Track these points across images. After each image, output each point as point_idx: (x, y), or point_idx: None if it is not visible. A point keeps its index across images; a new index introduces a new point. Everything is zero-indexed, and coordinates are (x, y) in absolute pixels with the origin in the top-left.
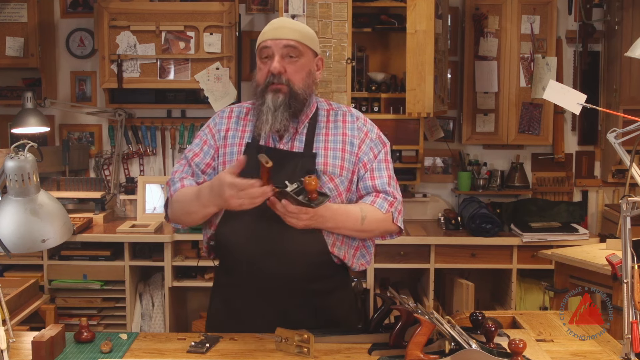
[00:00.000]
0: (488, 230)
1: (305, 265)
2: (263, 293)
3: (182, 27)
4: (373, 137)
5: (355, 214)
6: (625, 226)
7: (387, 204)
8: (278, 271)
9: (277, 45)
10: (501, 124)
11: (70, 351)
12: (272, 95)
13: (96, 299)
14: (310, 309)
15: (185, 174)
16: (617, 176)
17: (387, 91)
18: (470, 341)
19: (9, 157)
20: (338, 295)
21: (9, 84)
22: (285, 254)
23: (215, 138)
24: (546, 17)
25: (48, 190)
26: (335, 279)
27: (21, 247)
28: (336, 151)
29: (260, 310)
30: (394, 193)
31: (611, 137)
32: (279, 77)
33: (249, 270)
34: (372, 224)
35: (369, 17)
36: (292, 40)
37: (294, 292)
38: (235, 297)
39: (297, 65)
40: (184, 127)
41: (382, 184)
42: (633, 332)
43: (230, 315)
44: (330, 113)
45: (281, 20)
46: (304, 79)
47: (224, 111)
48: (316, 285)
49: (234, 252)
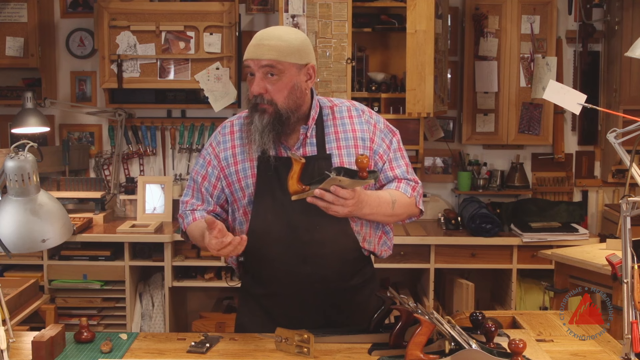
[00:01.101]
0: (488, 230)
1: (340, 264)
2: (301, 299)
3: (182, 27)
4: (382, 127)
5: (386, 198)
6: (625, 226)
7: (410, 189)
8: (315, 276)
9: (256, 65)
10: (501, 124)
11: (70, 351)
12: (259, 115)
13: (96, 299)
14: (348, 306)
15: (196, 203)
16: (617, 176)
17: (387, 91)
18: (470, 341)
19: (9, 157)
20: (370, 286)
21: (9, 84)
22: (320, 257)
23: (219, 158)
24: (546, 17)
25: (48, 190)
26: (366, 272)
27: (21, 247)
28: (349, 149)
29: (298, 316)
30: (415, 178)
31: (611, 137)
32: (261, 97)
33: (284, 280)
34: (401, 207)
35: (369, 17)
36: (270, 60)
37: (332, 293)
38: (272, 306)
39: (278, 84)
40: (184, 127)
41: (402, 173)
42: (633, 332)
43: (266, 321)
44: (335, 110)
45: (261, 37)
46: (287, 96)
47: (224, 127)
48: (352, 282)
49: (266, 264)
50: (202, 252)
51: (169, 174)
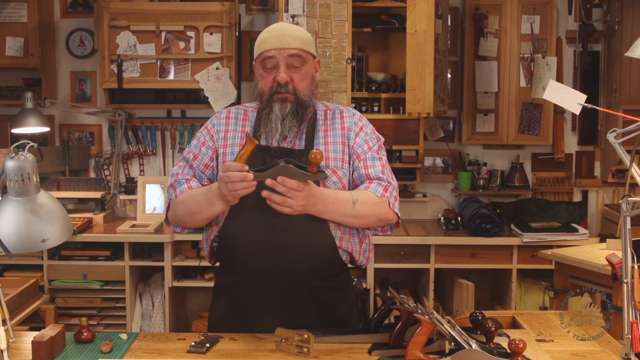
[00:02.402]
0: (488, 230)
1: (313, 260)
2: (269, 290)
3: (182, 27)
4: (368, 131)
5: (344, 196)
6: (625, 226)
7: (382, 189)
8: (285, 267)
9: (281, 55)
10: (501, 124)
11: (70, 351)
12: (280, 104)
13: (96, 299)
14: (316, 307)
15: (188, 176)
16: (617, 176)
17: (387, 91)
18: (470, 341)
19: (9, 157)
20: (342, 294)
21: (9, 84)
22: (292, 248)
23: (213, 139)
24: (546, 17)
25: (48, 190)
26: (341, 278)
27: (21, 247)
28: (336, 145)
29: (265, 309)
30: (388, 179)
31: (611, 137)
32: (285, 86)
33: (255, 268)
34: (366, 208)
35: (369, 17)
36: (296, 49)
37: (301, 289)
38: (239, 297)
39: (301, 73)
40: (184, 127)
41: (376, 172)
42: (633, 332)
43: (235, 315)
44: (328, 113)
45: (280, 28)
46: (308, 85)
47: (221, 112)
48: (322, 283)
49: (239, 249)
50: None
51: (169, 174)
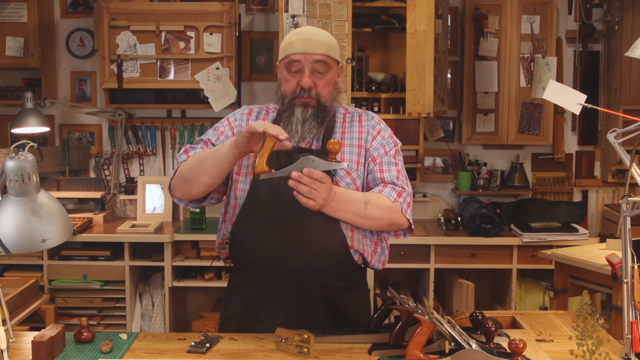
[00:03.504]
0: (488, 230)
1: (324, 257)
2: (280, 287)
3: (182, 27)
4: (385, 135)
5: (357, 196)
6: (625, 226)
7: (396, 194)
8: (296, 263)
9: (307, 60)
10: (501, 124)
11: (70, 351)
12: (302, 109)
13: (96, 299)
14: (325, 306)
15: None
16: (617, 176)
17: (387, 91)
18: (470, 341)
19: (9, 157)
20: (353, 295)
21: (9, 84)
22: (304, 244)
23: (233, 131)
24: (546, 17)
25: (48, 190)
26: (353, 279)
27: (21, 247)
28: (352, 147)
29: (276, 306)
30: (403, 185)
31: (611, 137)
32: (308, 91)
33: (267, 263)
34: (377, 210)
35: (369, 17)
36: (322, 55)
37: (311, 286)
38: (251, 293)
39: (325, 79)
40: (184, 127)
41: (391, 177)
42: (633, 332)
43: (245, 311)
44: (347, 116)
45: (308, 32)
46: (331, 91)
47: (244, 108)
48: (333, 282)
49: (251, 245)
50: (202, 252)
51: (169, 174)
